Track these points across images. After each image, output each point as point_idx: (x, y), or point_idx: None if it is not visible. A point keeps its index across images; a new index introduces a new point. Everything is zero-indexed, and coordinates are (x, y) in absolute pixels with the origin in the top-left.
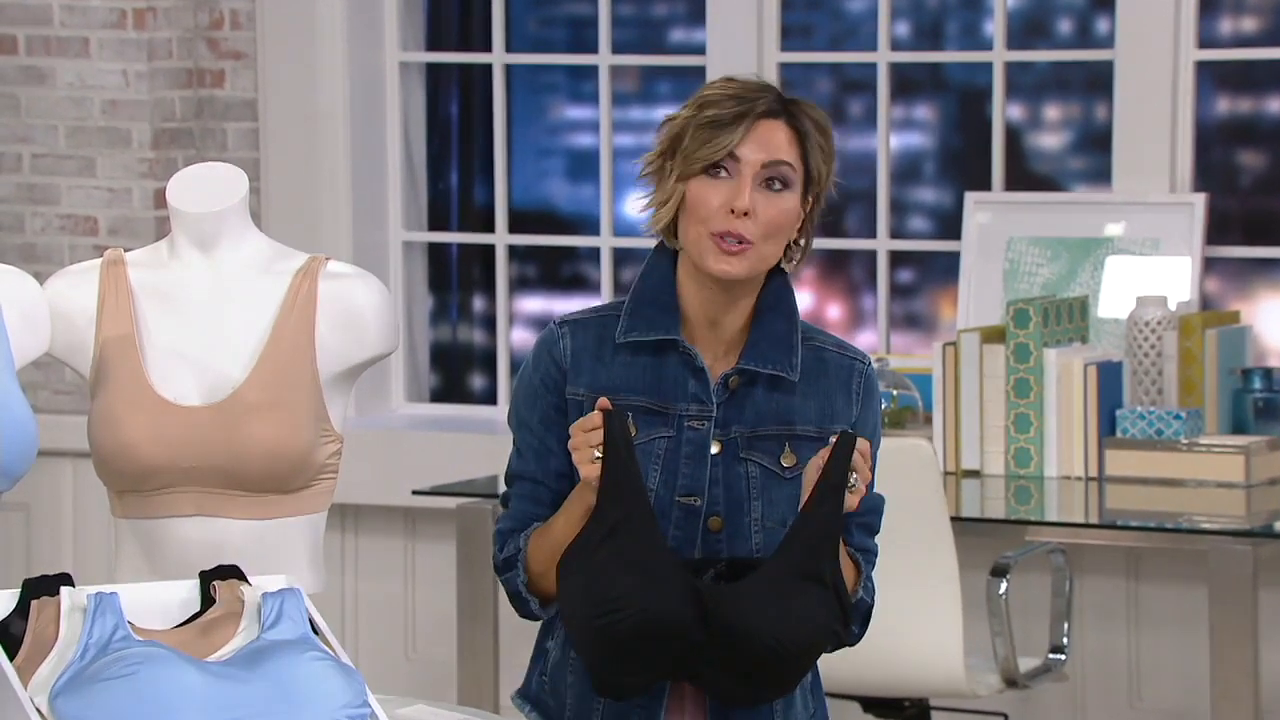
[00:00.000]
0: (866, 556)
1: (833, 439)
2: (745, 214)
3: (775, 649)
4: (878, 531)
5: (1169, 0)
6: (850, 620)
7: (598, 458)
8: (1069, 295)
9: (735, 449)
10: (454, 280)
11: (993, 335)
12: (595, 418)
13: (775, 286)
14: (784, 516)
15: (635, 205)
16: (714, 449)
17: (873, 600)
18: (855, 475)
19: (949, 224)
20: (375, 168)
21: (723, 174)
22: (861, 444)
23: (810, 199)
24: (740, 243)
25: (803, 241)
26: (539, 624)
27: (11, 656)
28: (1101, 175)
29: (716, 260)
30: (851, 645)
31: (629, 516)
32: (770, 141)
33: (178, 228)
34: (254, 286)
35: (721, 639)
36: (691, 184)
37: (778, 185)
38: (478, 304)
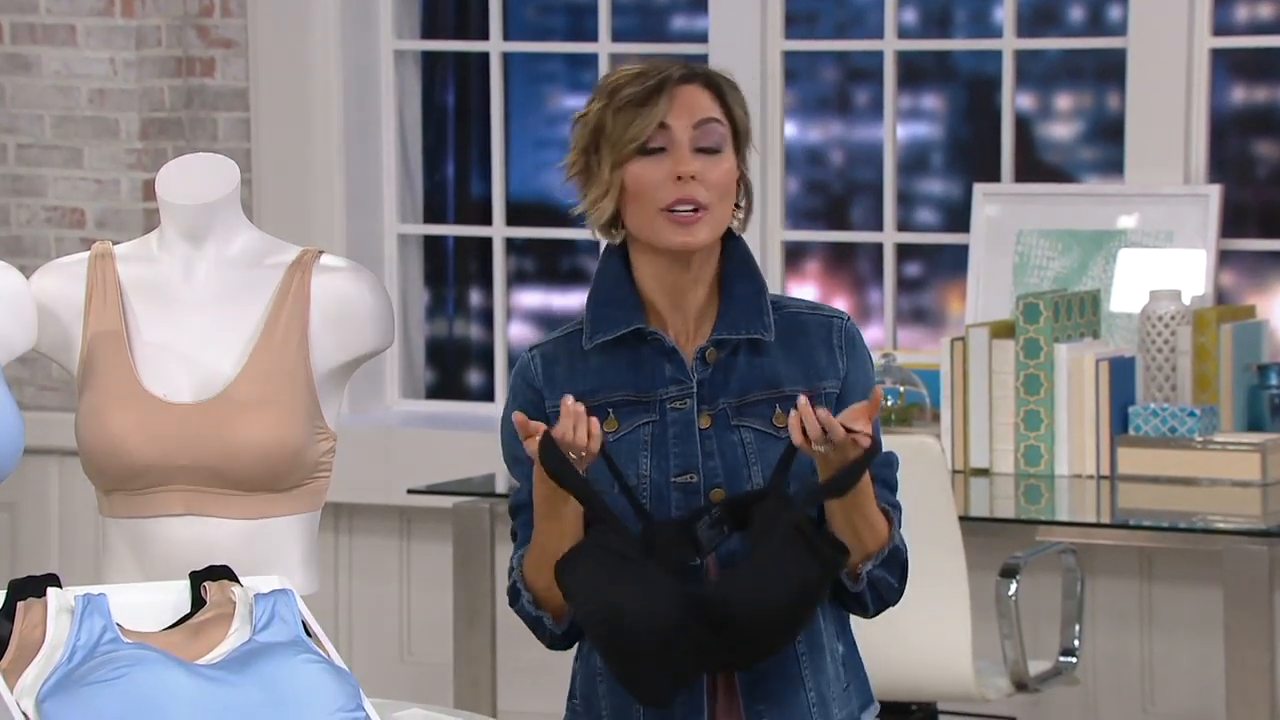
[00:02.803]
0: (893, 510)
1: (809, 416)
2: (693, 177)
3: (770, 620)
4: (896, 487)
5: None
6: (836, 570)
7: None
8: (1080, 289)
9: (726, 419)
10: (450, 274)
11: (1002, 330)
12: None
13: (735, 253)
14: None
15: (575, 210)
16: (704, 424)
17: (906, 552)
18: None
19: (957, 216)
20: (370, 159)
21: (658, 150)
22: (848, 413)
23: (740, 157)
24: (695, 210)
25: (743, 202)
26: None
27: None
28: (1114, 166)
29: (674, 233)
30: (894, 603)
31: (599, 531)
32: (694, 104)
33: (167, 220)
34: (245, 280)
35: (724, 631)
36: (628, 169)
37: (713, 148)
38: (475, 298)
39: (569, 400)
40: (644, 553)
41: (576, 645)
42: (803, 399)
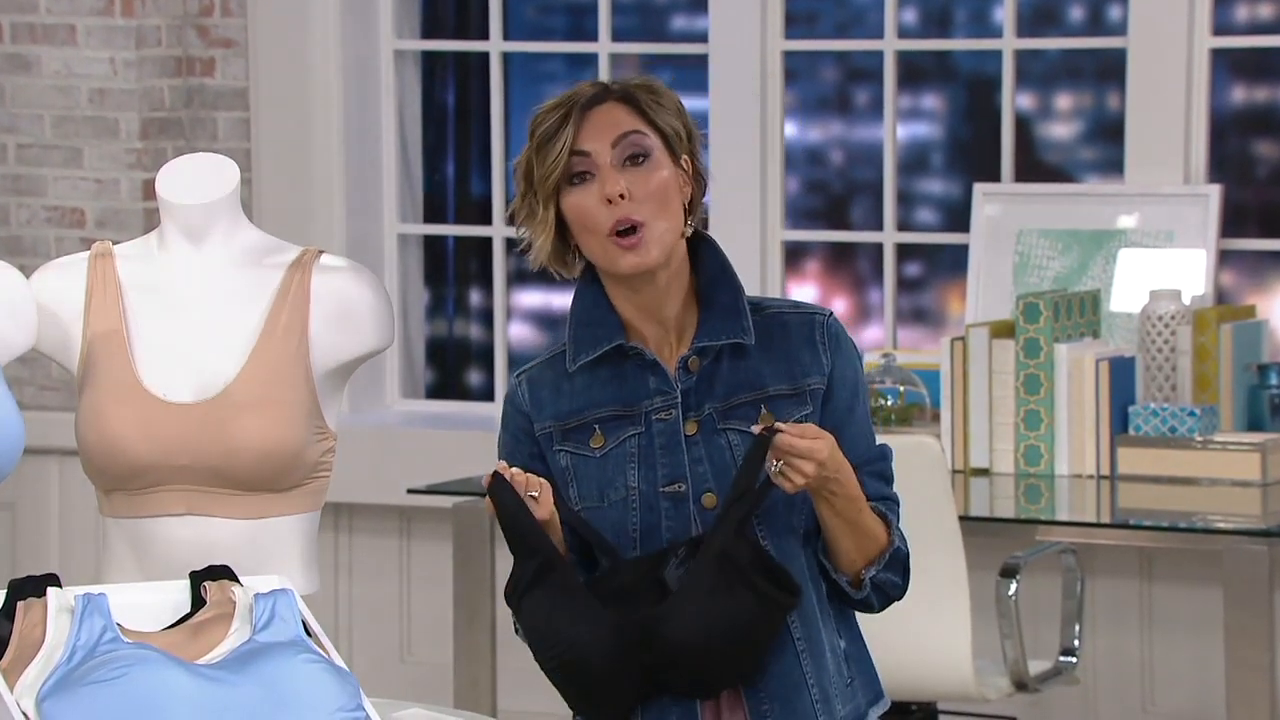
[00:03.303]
0: (889, 505)
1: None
2: (621, 196)
3: (708, 649)
4: (892, 478)
5: None
6: (787, 607)
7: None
8: (1080, 289)
9: (712, 424)
10: (450, 273)
11: (1002, 330)
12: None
13: (710, 259)
14: None
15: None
16: (690, 430)
17: (907, 548)
18: (776, 463)
19: (957, 216)
20: (370, 158)
21: (585, 177)
22: (780, 439)
23: (684, 157)
24: (634, 229)
25: (694, 201)
26: None
27: None
28: (1114, 166)
29: (623, 258)
30: (899, 598)
31: (543, 563)
32: (608, 121)
33: (167, 220)
34: (245, 280)
35: (667, 656)
36: (563, 202)
37: (640, 159)
38: (475, 298)
39: (502, 467)
40: (608, 595)
41: None
42: (782, 438)
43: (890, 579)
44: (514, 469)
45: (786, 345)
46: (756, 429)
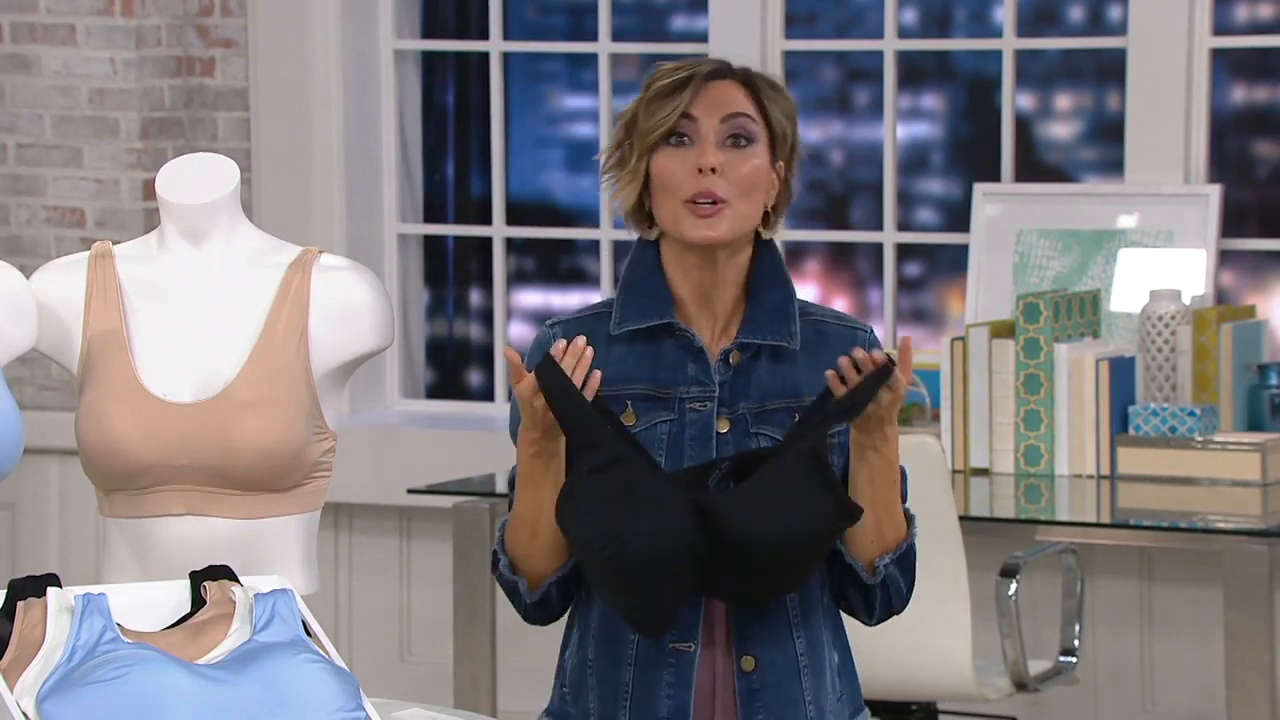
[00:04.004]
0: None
1: (867, 362)
2: (714, 170)
3: (776, 547)
4: (907, 497)
5: None
6: (854, 516)
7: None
8: (1080, 289)
9: (745, 425)
10: (450, 273)
11: (1002, 330)
12: (528, 384)
13: (765, 258)
14: None
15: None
16: (723, 427)
17: (916, 557)
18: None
19: (957, 216)
20: (370, 158)
21: (684, 141)
22: (902, 347)
23: (780, 161)
24: (714, 203)
25: (778, 205)
26: (552, 629)
27: None
28: (1114, 166)
29: (694, 227)
30: (898, 610)
31: (603, 452)
32: (723, 97)
33: (167, 220)
34: (245, 280)
35: (727, 548)
36: (654, 158)
37: (743, 141)
38: (475, 298)
39: (580, 341)
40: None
41: (570, 636)
42: (904, 344)
43: (898, 580)
44: (562, 342)
45: (825, 355)
46: (878, 356)
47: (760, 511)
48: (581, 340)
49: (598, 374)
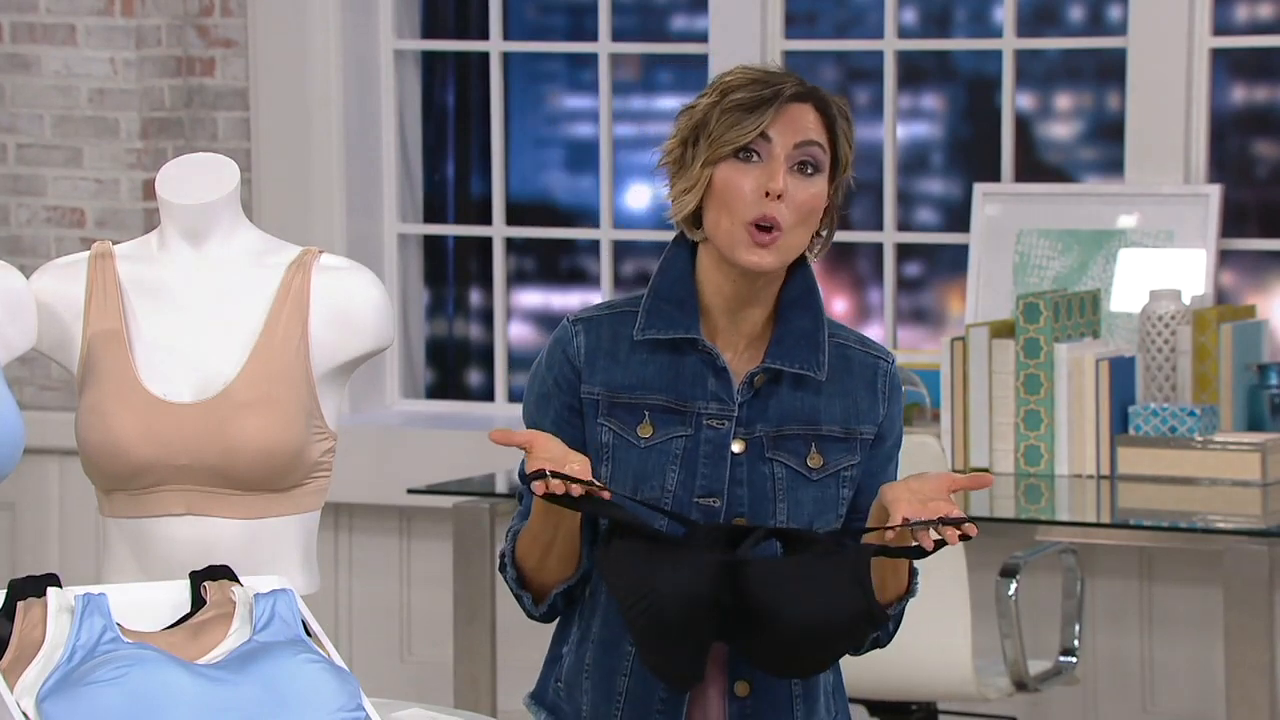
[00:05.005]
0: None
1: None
2: (779, 196)
3: (807, 632)
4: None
5: None
6: (879, 622)
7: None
8: (1080, 289)
9: (760, 449)
10: (450, 274)
11: (1002, 330)
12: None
13: (800, 279)
14: (809, 518)
15: (661, 193)
16: (738, 448)
17: (905, 607)
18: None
19: (957, 216)
20: (369, 158)
21: (754, 158)
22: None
23: (834, 186)
24: (772, 230)
25: (825, 231)
26: (551, 627)
27: None
28: (1114, 166)
29: (748, 252)
30: (882, 646)
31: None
32: (800, 122)
33: (167, 220)
34: (245, 280)
35: (755, 616)
36: (720, 169)
37: (810, 169)
38: (475, 298)
39: (539, 487)
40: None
41: (569, 632)
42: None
43: (888, 625)
44: (553, 480)
45: (847, 383)
46: (967, 529)
47: (808, 602)
48: (557, 484)
49: (585, 462)
